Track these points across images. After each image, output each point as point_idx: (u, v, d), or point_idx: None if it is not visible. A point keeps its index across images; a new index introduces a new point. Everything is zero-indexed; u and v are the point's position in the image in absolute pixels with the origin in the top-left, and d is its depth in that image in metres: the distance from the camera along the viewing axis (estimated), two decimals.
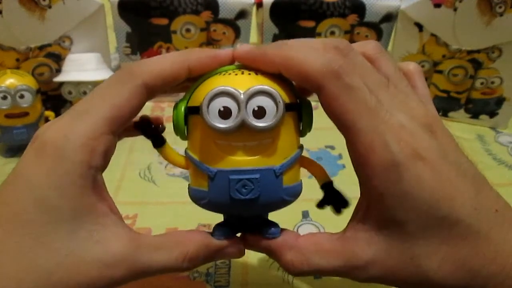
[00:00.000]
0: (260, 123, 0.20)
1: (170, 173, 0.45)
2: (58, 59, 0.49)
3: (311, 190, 0.45)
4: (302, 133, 0.23)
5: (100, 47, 0.50)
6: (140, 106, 0.20)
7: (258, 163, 0.20)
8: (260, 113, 0.20)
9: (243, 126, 0.20)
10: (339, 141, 0.51)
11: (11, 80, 0.43)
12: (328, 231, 0.39)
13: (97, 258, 0.18)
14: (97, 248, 0.18)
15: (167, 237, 0.21)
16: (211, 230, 0.23)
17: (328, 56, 0.19)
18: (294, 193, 0.23)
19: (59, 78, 0.46)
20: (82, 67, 0.46)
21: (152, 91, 0.20)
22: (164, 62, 0.20)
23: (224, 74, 0.21)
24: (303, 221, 0.39)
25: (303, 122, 0.22)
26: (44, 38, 0.47)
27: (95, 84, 0.46)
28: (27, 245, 0.17)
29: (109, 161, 0.20)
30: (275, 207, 0.23)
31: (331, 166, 0.46)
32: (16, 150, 0.47)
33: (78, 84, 0.45)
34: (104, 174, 0.31)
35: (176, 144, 0.24)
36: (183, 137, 0.22)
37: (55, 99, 0.50)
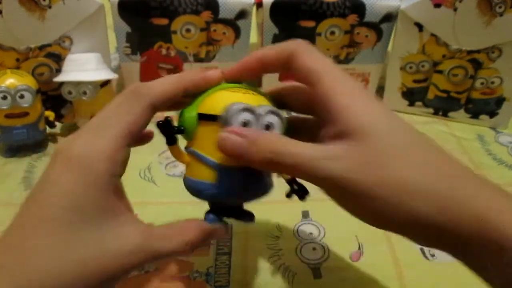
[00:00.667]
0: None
1: (170, 173, 0.45)
2: (58, 59, 0.49)
3: (311, 191, 0.45)
4: None
5: (100, 47, 0.50)
6: (148, 121, 0.24)
7: None
8: (269, 127, 0.25)
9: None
10: None
11: (11, 80, 0.43)
12: (328, 231, 0.39)
13: (120, 248, 0.21)
14: (119, 241, 0.21)
15: (172, 228, 0.24)
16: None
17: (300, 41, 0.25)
18: (272, 185, 0.28)
19: (59, 78, 0.46)
20: (82, 67, 0.45)
21: (156, 109, 0.24)
22: (165, 84, 0.24)
23: (232, 91, 0.26)
24: (303, 221, 0.39)
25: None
26: (44, 38, 0.47)
27: (95, 84, 0.46)
28: (63, 242, 0.20)
29: (126, 168, 0.24)
30: (261, 197, 0.27)
31: None
32: (15, 150, 0.47)
33: (78, 84, 0.45)
34: None
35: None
36: (189, 138, 0.26)
37: (55, 99, 0.50)
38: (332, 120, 0.23)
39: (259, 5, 0.51)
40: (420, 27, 0.50)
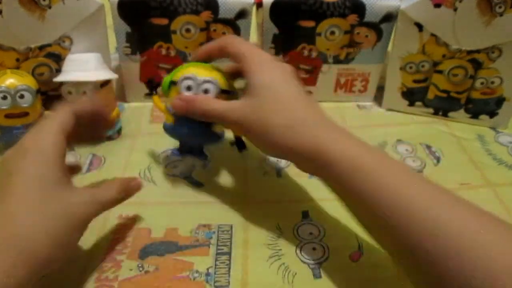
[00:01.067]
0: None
1: (170, 173, 0.45)
2: (58, 59, 0.49)
3: (311, 191, 0.45)
4: None
5: (100, 47, 0.50)
6: (74, 122, 0.32)
7: None
8: (206, 92, 0.37)
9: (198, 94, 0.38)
10: None
11: (11, 80, 0.43)
12: (328, 231, 0.39)
13: (78, 202, 0.30)
14: (76, 197, 0.30)
15: (105, 184, 0.34)
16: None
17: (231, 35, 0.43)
18: (220, 136, 0.40)
19: (59, 78, 0.46)
20: (81, 67, 0.45)
21: (78, 116, 0.33)
22: (79, 104, 0.34)
23: (195, 66, 0.38)
24: (303, 221, 0.39)
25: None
26: (44, 38, 0.47)
27: (94, 84, 0.45)
28: (39, 204, 0.28)
29: (65, 150, 0.31)
30: (210, 142, 0.41)
31: None
32: None
33: (77, 84, 0.45)
34: (105, 174, 0.41)
35: None
36: (166, 96, 0.39)
37: (55, 99, 0.50)
38: (246, 83, 0.35)
39: (259, 5, 0.51)
40: (420, 27, 0.50)
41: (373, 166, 0.29)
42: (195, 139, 0.40)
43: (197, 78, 0.37)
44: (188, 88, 0.37)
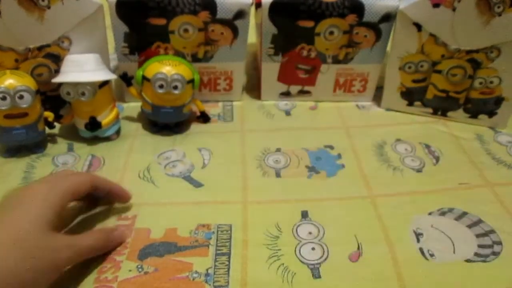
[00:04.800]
0: (175, 91, 0.48)
1: (169, 173, 0.45)
2: (57, 59, 0.49)
3: (310, 191, 0.45)
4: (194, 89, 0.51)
5: (100, 47, 0.50)
6: (88, 189, 0.36)
7: (174, 104, 0.50)
8: (175, 87, 0.47)
9: (169, 91, 0.48)
10: (338, 141, 0.51)
11: (10, 81, 0.43)
12: (328, 231, 0.39)
13: (62, 246, 0.32)
14: (59, 242, 0.32)
15: (87, 232, 0.36)
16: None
17: None
18: (189, 116, 0.53)
19: (57, 79, 0.46)
20: (80, 67, 0.45)
21: (94, 185, 0.36)
22: (100, 178, 0.38)
23: (161, 62, 0.48)
24: (303, 221, 0.39)
25: (194, 86, 0.50)
26: (43, 38, 0.47)
27: (93, 85, 0.45)
28: (33, 239, 0.31)
29: (68, 204, 0.35)
30: (180, 120, 0.52)
31: (330, 165, 0.46)
32: (15, 150, 0.47)
33: (76, 85, 0.45)
34: (104, 175, 0.41)
35: None
36: (140, 87, 0.50)
37: (54, 99, 0.50)
38: None
39: (258, 5, 0.51)
40: (419, 27, 0.50)
41: None
42: (169, 119, 0.51)
43: (167, 77, 0.47)
44: (161, 86, 0.47)
